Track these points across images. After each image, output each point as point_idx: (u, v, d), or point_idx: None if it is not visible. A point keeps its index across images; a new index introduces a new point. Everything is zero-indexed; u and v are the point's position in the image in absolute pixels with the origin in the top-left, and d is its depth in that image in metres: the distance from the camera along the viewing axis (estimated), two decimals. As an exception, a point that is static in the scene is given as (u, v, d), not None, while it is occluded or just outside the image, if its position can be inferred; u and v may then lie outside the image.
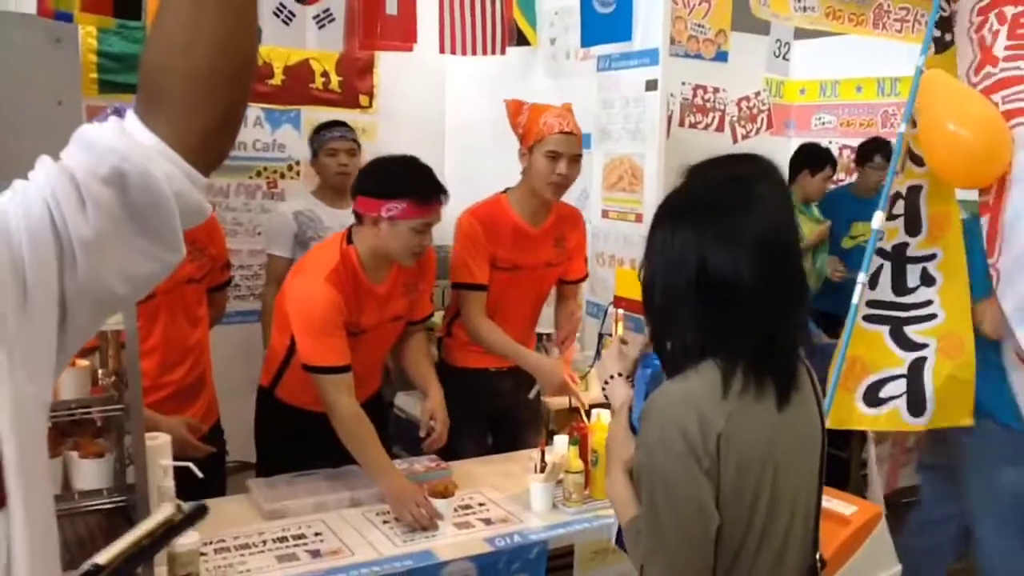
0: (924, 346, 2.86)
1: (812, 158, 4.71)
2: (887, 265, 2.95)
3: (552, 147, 2.76)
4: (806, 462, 1.46)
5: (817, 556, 1.48)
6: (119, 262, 0.85)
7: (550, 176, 2.78)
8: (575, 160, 2.81)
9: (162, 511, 1.18)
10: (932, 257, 2.92)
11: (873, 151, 4.65)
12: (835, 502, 2.47)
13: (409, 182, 2.42)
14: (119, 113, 0.89)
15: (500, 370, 2.99)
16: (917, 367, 2.84)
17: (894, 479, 3.70)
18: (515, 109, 2.90)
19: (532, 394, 2.94)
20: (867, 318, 2.92)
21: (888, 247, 2.93)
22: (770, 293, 1.36)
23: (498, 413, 3.03)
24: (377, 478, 2.38)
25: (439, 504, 2.31)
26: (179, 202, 0.86)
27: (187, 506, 1.20)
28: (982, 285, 2.77)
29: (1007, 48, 2.84)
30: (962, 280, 2.88)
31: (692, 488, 1.33)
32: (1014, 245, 2.60)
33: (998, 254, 2.66)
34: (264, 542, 2.18)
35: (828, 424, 2.80)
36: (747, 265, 1.34)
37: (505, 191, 2.96)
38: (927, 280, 2.89)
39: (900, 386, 2.84)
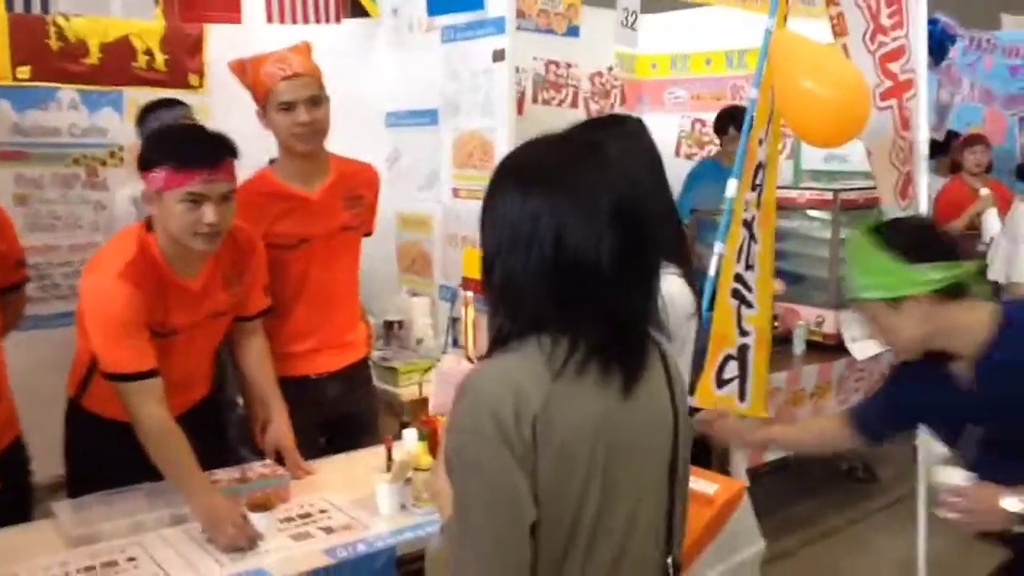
0: (748, 333, 2.82)
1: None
2: (747, 237, 2.88)
3: (281, 98, 2.51)
4: (654, 450, 1.32)
5: (670, 560, 1.34)
6: None
7: (291, 128, 2.53)
8: (315, 102, 2.54)
9: None
10: (755, 242, 2.87)
11: (728, 121, 4.65)
12: (699, 482, 2.36)
13: (168, 146, 2.12)
14: None
15: (321, 376, 2.75)
16: (743, 353, 2.80)
17: (758, 453, 3.67)
18: (239, 69, 2.62)
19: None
20: (732, 292, 2.85)
21: (749, 218, 2.86)
22: (622, 267, 1.22)
23: (329, 420, 2.77)
24: (187, 498, 2.12)
25: (258, 518, 2.07)
26: None
27: None
28: None
29: (888, 16, 2.82)
30: (769, 272, 2.86)
31: (505, 479, 1.17)
32: None
33: None
34: (67, 574, 1.90)
35: (696, 402, 2.76)
36: (606, 238, 1.21)
37: (271, 162, 2.70)
38: (752, 266, 2.84)
39: (734, 368, 2.78)
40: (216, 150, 2.13)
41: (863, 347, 4.09)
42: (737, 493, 2.42)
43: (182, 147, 2.12)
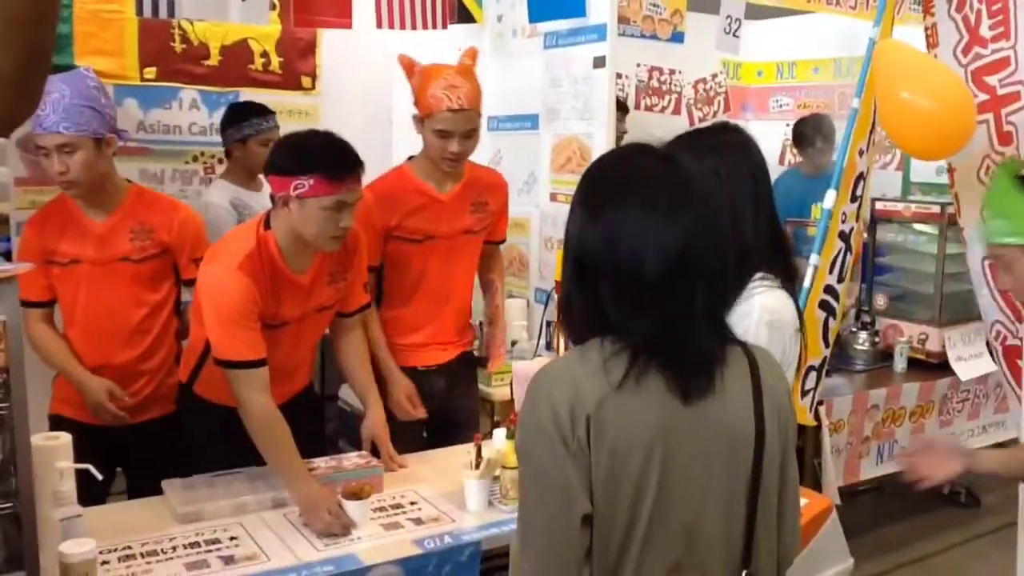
0: (828, 346, 2.78)
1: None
2: (843, 249, 2.85)
3: (441, 126, 2.61)
4: (724, 461, 1.31)
5: (744, 573, 1.34)
6: None
7: (443, 153, 2.64)
8: (469, 135, 2.65)
9: None
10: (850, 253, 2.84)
11: (815, 133, 4.58)
12: (785, 495, 2.36)
13: (317, 156, 2.23)
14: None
15: (430, 368, 2.84)
16: (823, 364, 2.77)
17: (852, 470, 3.60)
18: (408, 68, 2.72)
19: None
20: (820, 304, 2.82)
21: (847, 229, 2.82)
22: (679, 280, 1.26)
23: (432, 414, 2.84)
24: (287, 483, 2.23)
25: (353, 507, 2.16)
26: None
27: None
28: None
29: (991, 28, 2.75)
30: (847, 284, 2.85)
31: (558, 471, 1.23)
32: None
33: None
34: (174, 548, 2.03)
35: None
36: (660, 250, 1.25)
37: (410, 159, 2.81)
38: (843, 278, 2.81)
39: (813, 379, 2.75)
40: (358, 161, 2.28)
41: (970, 366, 3.97)
42: (825, 510, 2.39)
43: (333, 158, 2.24)
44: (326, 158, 2.22)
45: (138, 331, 2.60)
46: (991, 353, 3.14)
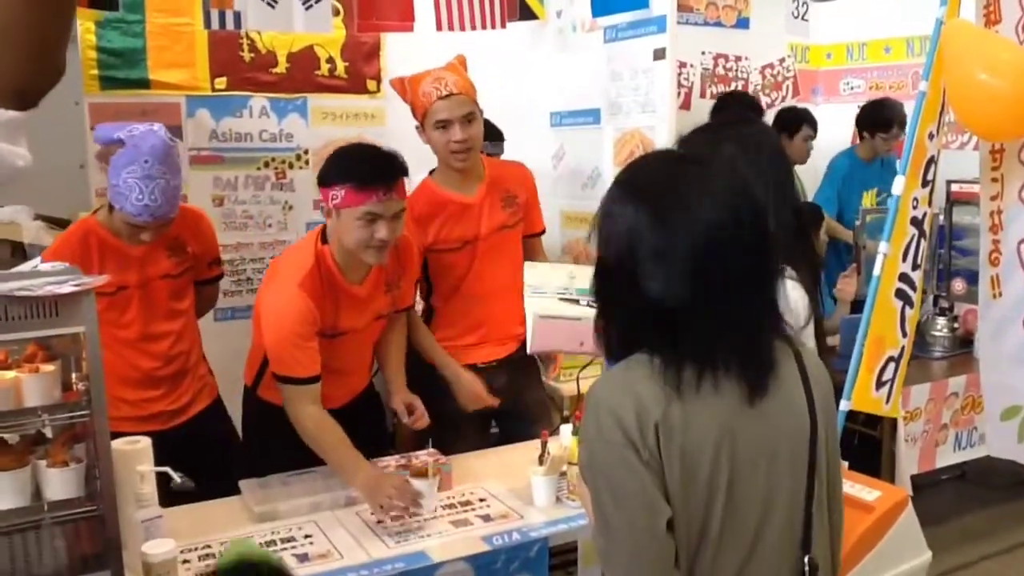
0: (907, 334, 2.71)
1: (786, 121, 4.61)
2: (915, 235, 2.78)
3: (436, 116, 2.65)
4: (788, 456, 1.32)
5: (807, 559, 1.34)
6: None
7: (448, 146, 2.67)
8: (468, 120, 2.67)
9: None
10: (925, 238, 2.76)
11: (892, 119, 4.48)
12: (857, 487, 2.32)
13: (348, 166, 2.27)
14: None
15: (489, 365, 2.87)
16: (901, 354, 2.70)
17: (929, 459, 3.52)
18: (400, 89, 2.79)
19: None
20: (896, 292, 2.76)
21: (920, 215, 2.75)
22: (716, 286, 1.25)
23: (499, 408, 2.87)
24: (349, 478, 2.28)
25: (420, 484, 2.21)
26: None
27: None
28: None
29: None
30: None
31: (635, 480, 1.23)
32: None
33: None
34: (251, 546, 2.10)
35: (852, 405, 2.69)
36: (682, 263, 1.24)
37: (430, 173, 2.85)
38: (919, 265, 2.73)
39: (891, 370, 2.69)
40: (391, 171, 2.28)
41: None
42: (901, 502, 2.35)
43: (360, 168, 2.27)
44: (355, 168, 2.26)
45: (178, 340, 2.63)
46: None
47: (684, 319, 1.25)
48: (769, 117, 4.81)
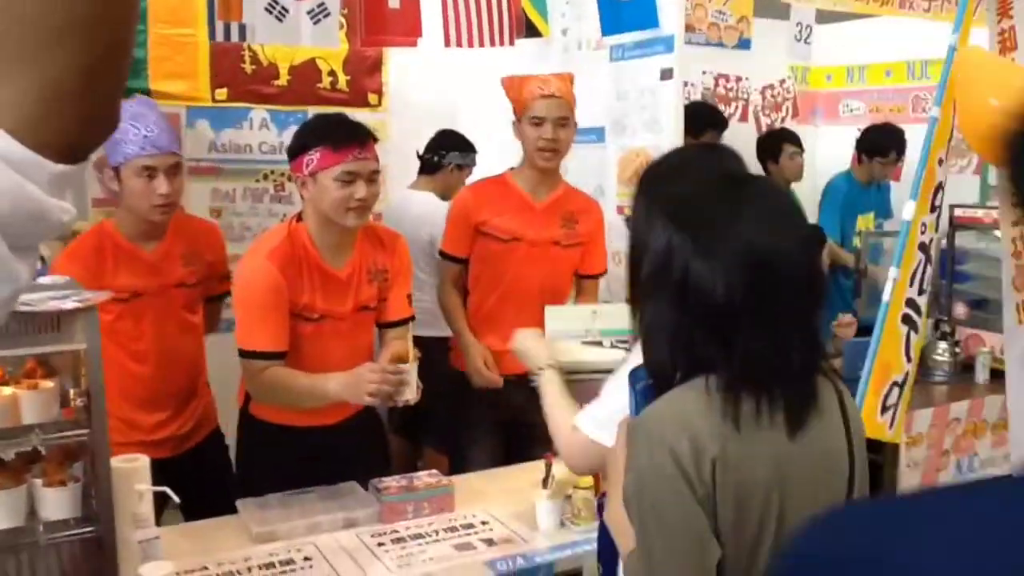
0: (911, 360, 2.70)
1: (765, 147, 4.73)
2: (923, 261, 2.76)
3: (534, 113, 2.78)
4: (827, 489, 1.29)
5: None
6: None
7: (536, 142, 2.79)
8: (561, 124, 2.81)
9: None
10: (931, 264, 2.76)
11: (894, 145, 4.50)
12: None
13: (319, 130, 2.33)
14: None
15: (509, 379, 2.83)
16: (905, 379, 2.68)
17: (930, 484, 3.49)
18: (507, 84, 2.91)
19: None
20: (903, 318, 2.73)
21: (927, 240, 2.74)
22: (765, 309, 1.21)
23: (511, 426, 2.85)
24: (325, 392, 2.27)
25: (400, 368, 2.23)
26: (10, 205, 0.58)
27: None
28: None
29: None
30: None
31: (687, 517, 1.18)
32: None
33: None
34: (249, 569, 2.04)
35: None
36: (738, 281, 1.20)
37: (511, 169, 2.99)
38: (924, 290, 2.72)
39: (895, 395, 2.67)
40: (364, 131, 2.33)
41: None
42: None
43: (335, 130, 2.31)
44: (328, 130, 2.31)
45: (190, 357, 2.62)
46: None
47: (739, 338, 1.21)
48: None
